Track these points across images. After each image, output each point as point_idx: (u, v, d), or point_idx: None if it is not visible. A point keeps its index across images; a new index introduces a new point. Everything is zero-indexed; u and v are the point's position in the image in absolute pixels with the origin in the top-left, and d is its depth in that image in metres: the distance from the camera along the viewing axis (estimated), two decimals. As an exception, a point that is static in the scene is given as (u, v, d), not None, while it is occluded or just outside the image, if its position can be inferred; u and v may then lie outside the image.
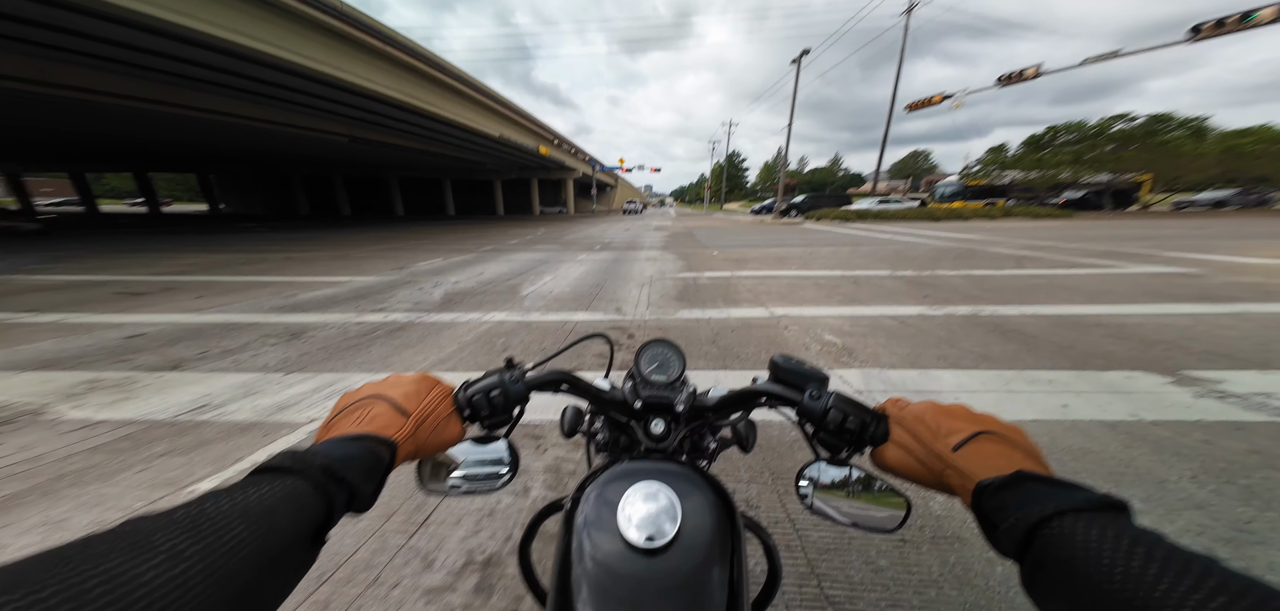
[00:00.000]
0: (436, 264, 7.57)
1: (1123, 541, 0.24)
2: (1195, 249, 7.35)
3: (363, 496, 0.33)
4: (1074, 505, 0.27)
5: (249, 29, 8.19)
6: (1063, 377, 2.44)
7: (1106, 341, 3.00)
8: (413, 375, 0.46)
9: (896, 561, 1.25)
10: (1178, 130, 22.08)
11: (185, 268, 7.15)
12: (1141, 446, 1.77)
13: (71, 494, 1.63)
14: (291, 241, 11.73)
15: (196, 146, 20.72)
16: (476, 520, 1.46)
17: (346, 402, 0.41)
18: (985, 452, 0.35)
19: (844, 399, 0.45)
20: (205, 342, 3.38)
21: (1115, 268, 5.82)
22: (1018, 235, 10.67)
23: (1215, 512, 1.40)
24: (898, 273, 5.89)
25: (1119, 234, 10.32)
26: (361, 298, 4.94)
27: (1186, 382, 2.33)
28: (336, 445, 0.35)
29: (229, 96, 11.90)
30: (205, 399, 2.40)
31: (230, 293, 5.23)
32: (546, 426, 2.03)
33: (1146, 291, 4.44)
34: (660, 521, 0.37)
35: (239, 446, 1.95)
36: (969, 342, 3.06)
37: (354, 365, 2.90)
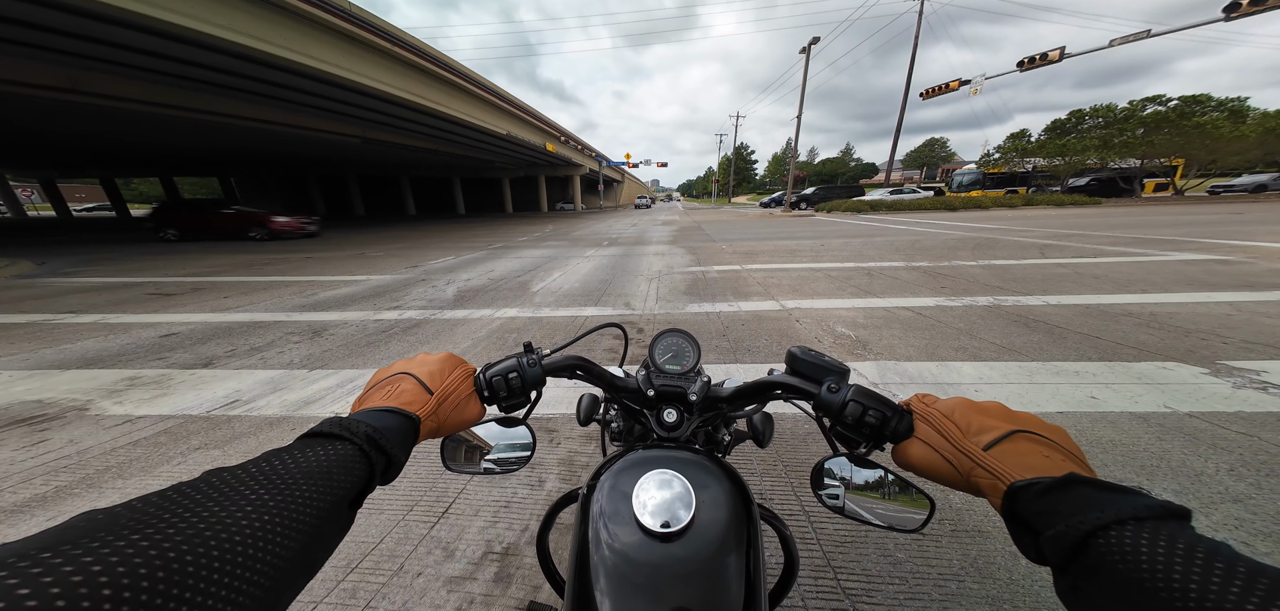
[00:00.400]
0: (448, 261, 7.69)
1: (1197, 554, 0.22)
2: (1233, 236, 6.98)
3: (397, 464, 0.35)
4: (1135, 513, 0.25)
5: (265, 34, 8.41)
6: (1091, 369, 2.36)
7: (1138, 331, 2.89)
8: (439, 354, 0.48)
9: (915, 554, 1.23)
10: (1214, 112, 20.91)
11: (212, 269, 7.42)
12: (1176, 438, 1.71)
13: (116, 486, 1.73)
14: (309, 242, 12.05)
15: (219, 150, 21.42)
16: (494, 511, 1.49)
17: (379, 378, 0.44)
18: (1022, 452, 0.34)
19: (865, 392, 0.43)
20: (234, 341, 3.51)
21: (1146, 255, 5.57)
22: (1040, 224, 10.30)
23: (1254, 506, 1.34)
24: (913, 263, 5.76)
25: (1150, 221, 9.88)
26: (378, 295, 5.06)
27: (1225, 373, 2.23)
28: (374, 415, 0.37)
29: (248, 101, 12.26)
30: (236, 394, 2.50)
31: (255, 292, 5.41)
32: (560, 420, 2.05)
33: (1181, 279, 4.25)
34: (675, 507, 0.37)
35: (269, 439, 2.03)
36: (989, 334, 2.98)
37: (372, 361, 2.98)
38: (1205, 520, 1.30)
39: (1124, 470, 1.55)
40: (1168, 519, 0.25)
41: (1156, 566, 0.22)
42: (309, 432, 0.32)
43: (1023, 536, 0.30)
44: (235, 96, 11.78)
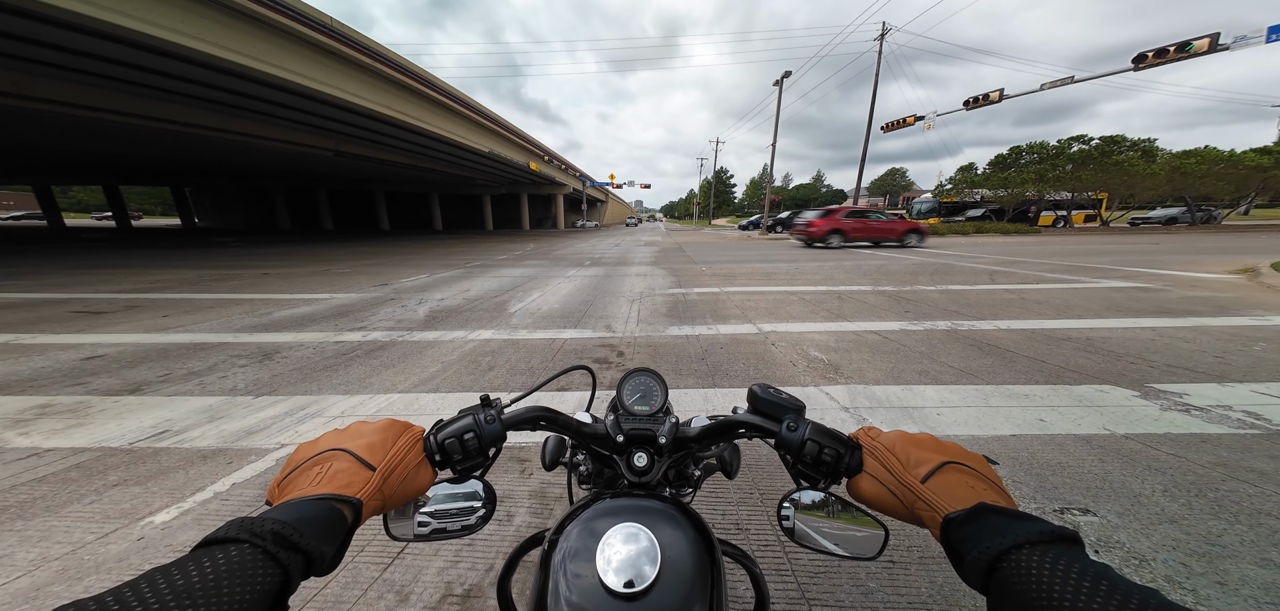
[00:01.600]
0: (421, 280, 7.43)
1: (1072, 574, 0.25)
2: (1152, 264, 7.78)
3: (322, 560, 0.31)
4: (1030, 538, 0.28)
5: (232, 44, 8.08)
6: (1038, 392, 2.51)
7: (1077, 355, 3.12)
8: (378, 422, 0.44)
9: (886, 583, 1.24)
10: (1129, 151, 23.62)
11: (152, 284, 6.84)
12: (1115, 460, 1.82)
13: (15, 528, 1.50)
14: (269, 257, 11.38)
15: (172, 160, 20.09)
16: (456, 550, 1.39)
17: (304, 457, 0.39)
18: (951, 484, 0.36)
19: (820, 430, 0.45)
20: (169, 364, 3.20)
21: (1080, 282, 6.10)
22: (988, 251, 11.14)
23: (1188, 527, 1.44)
24: (879, 288, 6.05)
25: (1081, 249, 10.88)
26: (340, 316, 4.79)
27: (1153, 396, 2.42)
28: (291, 508, 0.33)
29: (209, 110, 11.66)
30: (166, 424, 2.27)
31: (199, 310, 5.01)
32: (532, 449, 1.97)
33: (1111, 305, 4.66)
34: (640, 564, 0.36)
35: (201, 474, 1.83)
36: (949, 358, 3.13)
37: (329, 387, 2.79)
38: (1145, 541, 1.38)
39: (1073, 492, 1.64)
40: (1058, 543, 0.28)
41: (1045, 586, 0.25)
42: (206, 539, 0.28)
43: (957, 563, 0.32)
44: (198, 105, 11.18)
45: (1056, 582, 0.25)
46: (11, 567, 1.34)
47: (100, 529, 1.52)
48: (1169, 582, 1.22)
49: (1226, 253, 9.38)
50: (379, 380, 2.91)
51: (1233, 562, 1.28)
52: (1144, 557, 1.31)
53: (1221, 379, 2.63)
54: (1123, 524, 1.45)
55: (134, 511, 1.61)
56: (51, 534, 1.48)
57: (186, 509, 1.64)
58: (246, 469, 1.88)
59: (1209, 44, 13.11)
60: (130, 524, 1.55)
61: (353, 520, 0.35)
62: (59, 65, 8.23)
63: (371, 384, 2.85)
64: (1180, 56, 13.56)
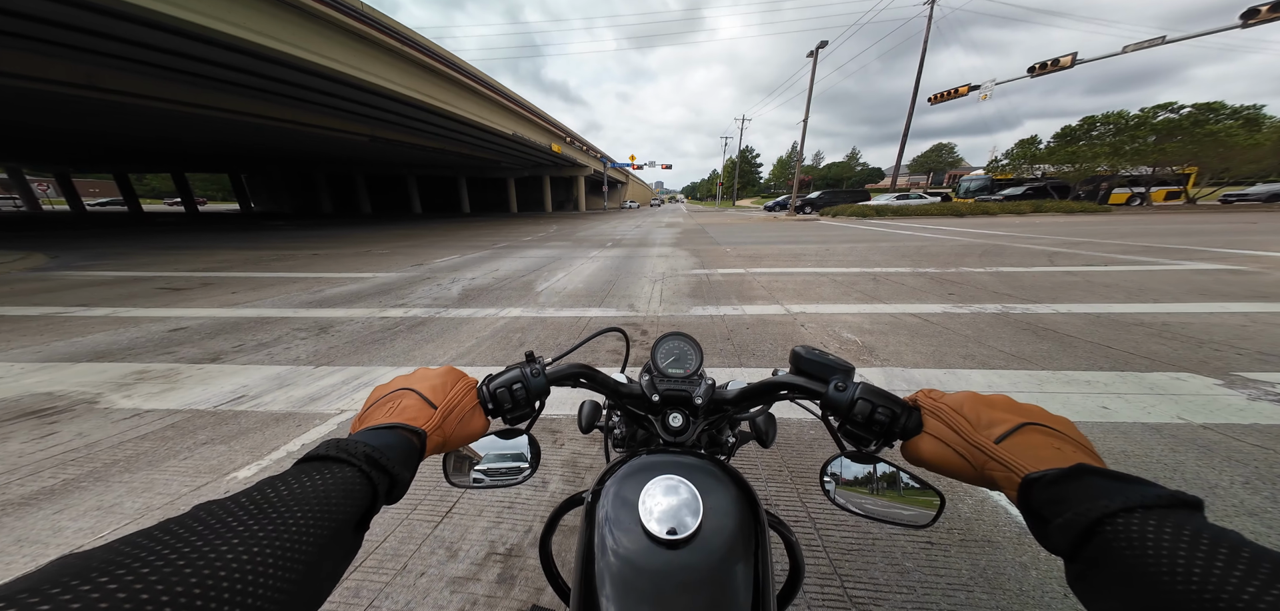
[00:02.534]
0: (453, 260, 7.73)
1: (1201, 542, 0.22)
2: (1245, 246, 6.87)
3: (402, 483, 0.35)
4: (1144, 501, 0.25)
5: (280, 33, 8.52)
6: (1102, 378, 2.32)
7: (1150, 341, 2.84)
8: (439, 369, 0.47)
9: (923, 563, 1.22)
10: (1228, 120, 20.61)
11: (220, 264, 7.50)
12: (1189, 450, 1.67)
13: (123, 479, 1.74)
14: (317, 238, 12.16)
15: (229, 147, 21.69)
16: (498, 512, 1.49)
17: (378, 395, 0.43)
18: (1033, 444, 0.34)
19: (872, 389, 0.43)
20: (241, 336, 3.54)
21: (1157, 264, 5.50)
22: (1048, 231, 10.20)
23: (1270, 520, 1.31)
24: (920, 269, 5.71)
25: (1160, 229, 9.75)
26: (383, 293, 5.09)
27: (1240, 385, 2.18)
28: (375, 434, 0.36)
29: (261, 99, 12.42)
30: (242, 390, 2.52)
31: (262, 288, 5.46)
32: (563, 421, 2.05)
33: (1193, 289, 4.18)
34: (681, 514, 0.37)
35: (275, 436, 2.04)
36: (998, 342, 2.94)
37: (378, 358, 2.99)
38: (1221, 536, 1.28)
39: (1137, 483, 1.53)
40: (1178, 508, 0.25)
41: (1162, 553, 0.22)
42: (306, 457, 0.31)
43: (1037, 527, 0.31)
44: (248, 94, 11.93)
45: (1179, 549, 0.22)
46: (120, 515, 1.56)
47: (193, 481, 1.73)
48: None
49: (1344, 229, 8.13)
50: (421, 353, 3.10)
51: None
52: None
53: (1327, 370, 2.32)
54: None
55: (221, 467, 1.82)
56: (154, 485, 1.70)
57: (264, 465, 1.83)
58: (313, 431, 2.08)
59: None
60: (219, 478, 1.75)
61: (419, 449, 0.39)
62: (124, 57, 8.98)
63: (414, 357, 3.03)
64: None
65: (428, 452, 0.40)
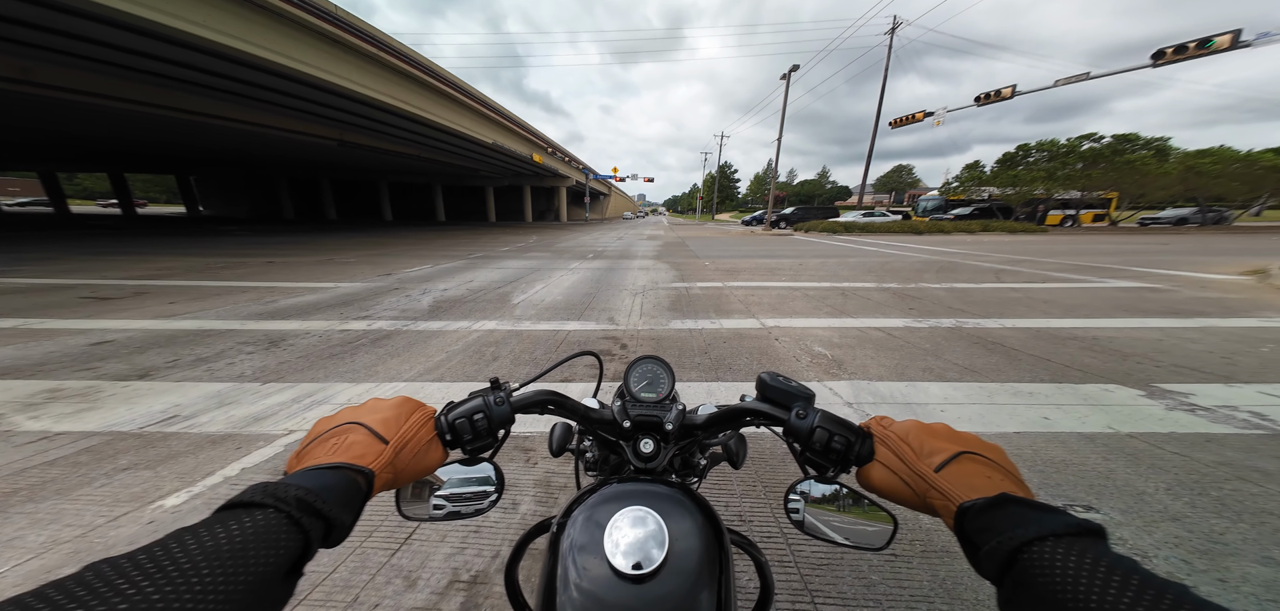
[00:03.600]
0: (425, 270, 7.45)
1: (1100, 568, 0.24)
2: (1161, 265, 7.69)
3: (343, 528, 0.32)
4: (1054, 530, 0.27)
5: (240, 32, 8.05)
6: (1043, 390, 2.50)
7: (1083, 354, 3.10)
8: (392, 399, 0.45)
9: (888, 576, 1.25)
10: (1142, 150, 23.26)
11: (159, 271, 6.89)
12: (1120, 458, 1.82)
13: (25, 510, 1.53)
14: (274, 246, 11.43)
15: (178, 147, 20.13)
16: (463, 536, 1.41)
17: (322, 429, 0.40)
18: (967, 473, 0.36)
19: (830, 418, 0.45)
20: (177, 350, 3.24)
21: (1088, 282, 6.05)
22: (994, 249, 11.04)
23: (1190, 525, 1.44)
24: (883, 285, 6.02)
25: (1088, 248, 10.77)
26: (345, 305, 4.82)
27: (1158, 395, 2.41)
28: (311, 475, 0.33)
29: (216, 99, 11.64)
30: (175, 409, 2.30)
31: (206, 298, 5.05)
32: (537, 439, 1.99)
33: (1118, 305, 4.62)
34: (648, 547, 0.36)
35: (210, 459, 1.86)
36: (953, 355, 3.12)
37: (335, 375, 2.81)
38: (1147, 538, 1.38)
39: (1076, 489, 1.64)
40: (1083, 536, 0.27)
41: (1068, 579, 0.24)
42: (227, 503, 0.29)
43: (971, 553, 0.32)
44: (204, 94, 11.17)
45: (1082, 575, 0.24)
46: (22, 549, 1.37)
47: (111, 512, 1.54)
48: (1171, 579, 1.22)
49: (1237, 254, 9.26)
50: (385, 369, 2.94)
51: (1234, 560, 1.28)
52: (1145, 554, 1.31)
53: (1228, 380, 2.61)
54: (1125, 521, 1.45)
55: (144, 495, 1.64)
56: (62, 516, 1.51)
57: (197, 492, 1.66)
58: (255, 454, 1.91)
59: (1231, 41, 12.83)
60: (141, 507, 1.57)
61: (366, 489, 0.36)
62: (65, 52, 8.22)
63: (377, 372, 2.87)
64: (1201, 53, 13.27)
65: (377, 491, 0.37)
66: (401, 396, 0.45)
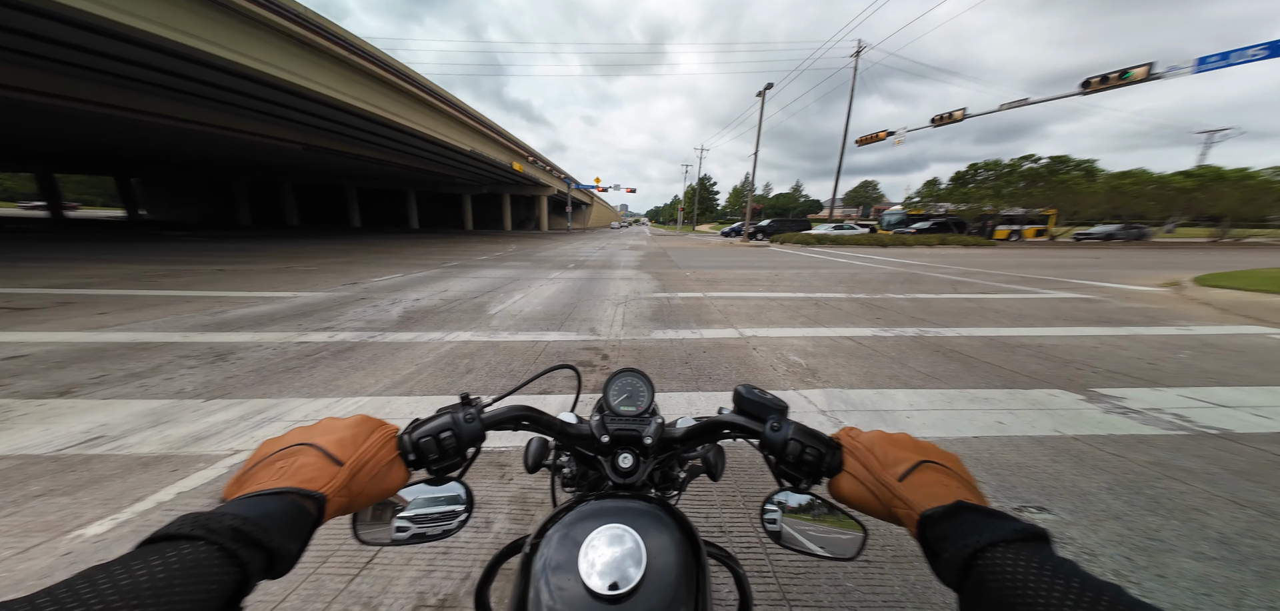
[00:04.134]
0: (395, 280, 7.14)
1: (1045, 572, 0.26)
2: (1093, 277, 8.44)
3: (287, 557, 0.29)
4: (1004, 536, 0.29)
5: (196, 29, 7.56)
6: (997, 395, 2.66)
7: (1031, 361, 3.33)
8: (350, 418, 0.41)
9: (862, 582, 1.27)
10: (1074, 171, 25.69)
11: (89, 280, 6.26)
12: (1066, 460, 1.95)
13: (-97, 556, 1.32)
14: (226, 253, 10.67)
15: (121, 148, 18.56)
16: (430, 559, 1.33)
17: (267, 451, 0.36)
18: (928, 482, 0.37)
19: (803, 430, 0.46)
20: (105, 365, 2.93)
21: (1032, 293, 6.55)
22: (951, 262, 11.78)
23: (1130, 522, 1.55)
24: (853, 295, 6.28)
25: (1032, 261, 11.69)
26: (305, 315, 4.54)
27: (1097, 399, 2.62)
28: (250, 502, 0.31)
29: (166, 98, 10.85)
30: (100, 429, 2.07)
31: (142, 308, 4.62)
32: (512, 454, 1.92)
33: (1059, 315, 5.02)
34: (624, 566, 0.35)
35: (142, 482, 1.68)
36: (917, 363, 3.28)
37: (291, 389, 2.62)
38: (1094, 536, 1.48)
39: (1030, 491, 1.74)
40: (1029, 540, 0.29)
41: (1016, 583, 0.26)
42: (152, 536, 0.26)
43: (933, 561, 0.33)
44: (154, 92, 10.38)
45: (1028, 579, 0.26)
46: None
47: (19, 543, 1.36)
48: (1117, 576, 1.31)
49: (1156, 267, 10.30)
50: (347, 382, 2.77)
51: (1171, 556, 1.39)
52: (1093, 553, 1.40)
53: (1154, 383, 2.87)
54: (1074, 521, 1.55)
55: (60, 523, 1.45)
56: (-42, 555, 1.32)
57: (124, 520, 1.49)
58: (195, 476, 1.74)
59: (1145, 72, 14.45)
60: (56, 537, 1.40)
61: (316, 516, 0.33)
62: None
63: (339, 386, 2.70)
64: (1121, 83, 14.87)
65: (329, 516, 0.35)
66: (360, 415, 0.43)
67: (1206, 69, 13.53)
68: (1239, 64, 12.90)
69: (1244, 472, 1.84)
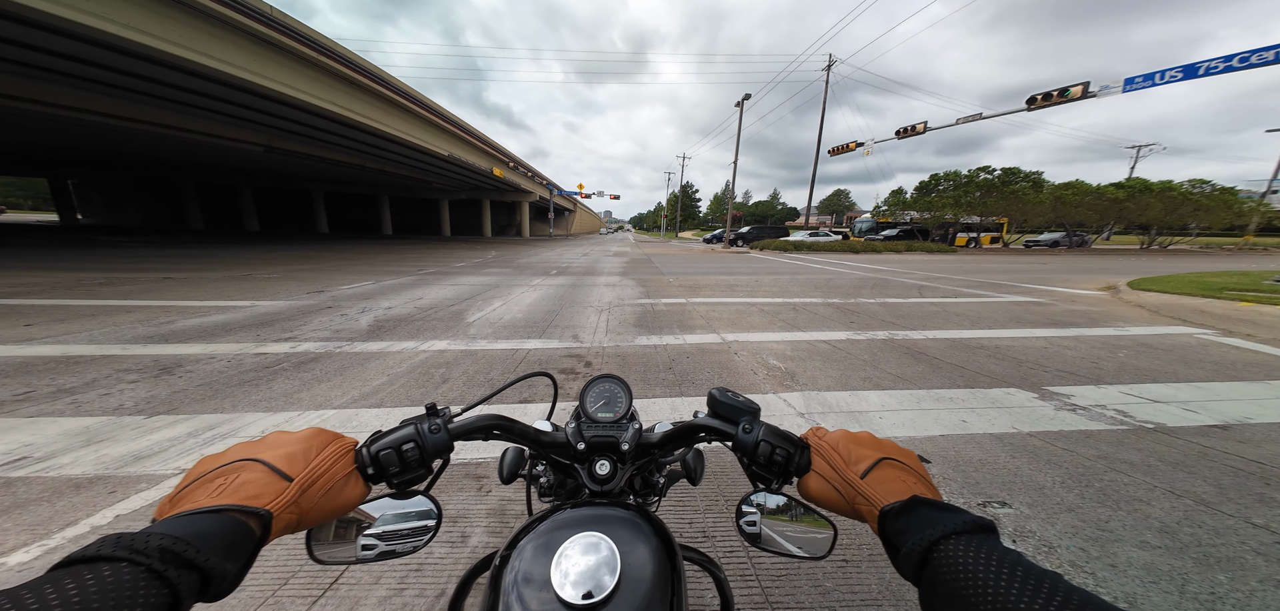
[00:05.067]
0: (365, 287, 6.84)
1: (992, 561, 0.27)
2: (1041, 281, 9.08)
3: (223, 577, 0.27)
4: (955, 528, 0.30)
5: (149, 26, 7.05)
6: (960, 395, 2.81)
7: (990, 362, 3.54)
8: (302, 431, 0.39)
9: (841, 582, 1.30)
10: (1023, 182, 27.70)
11: (12, 289, 5.68)
12: (1023, 456, 2.07)
13: None
14: (173, 259, 9.93)
15: (54, 148, 16.96)
16: (401, 576, 1.27)
17: (205, 469, 0.34)
18: (887, 478, 0.38)
19: (773, 431, 0.47)
20: (30, 380, 2.65)
21: (988, 296, 6.98)
22: (917, 268, 12.41)
23: (1082, 515, 1.65)
24: (828, 300, 6.50)
25: (987, 267, 12.48)
26: (263, 325, 4.27)
27: (1048, 397, 2.80)
28: (183, 521, 0.28)
29: (110, 96, 10.04)
30: (24, 449, 1.86)
31: (75, 318, 4.22)
32: (489, 464, 1.86)
33: (1012, 317, 5.36)
34: (599, 575, 0.35)
35: (74, 506, 1.52)
36: (888, 365, 3.42)
37: (246, 403, 2.45)
38: (1051, 529, 1.57)
39: (992, 486, 1.83)
40: (979, 532, 0.30)
41: (967, 573, 0.27)
42: (67, 558, 0.24)
43: (892, 555, 0.34)
44: (96, 90, 9.58)
45: (977, 570, 0.27)
46: None
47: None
48: (1073, 567, 1.39)
49: (1095, 272, 11.20)
50: (310, 395, 2.61)
51: (1119, 546, 1.49)
52: (1051, 545, 1.48)
53: (1097, 381, 3.10)
54: (1032, 514, 1.64)
55: (-30, 564, 1.29)
56: None
57: (53, 546, 1.35)
58: (135, 498, 1.59)
59: (1082, 91, 15.75)
60: (-37, 580, 1.24)
61: (261, 534, 0.31)
62: None
63: (300, 399, 2.54)
64: (1061, 100, 16.15)
65: (275, 535, 0.32)
66: (313, 428, 0.40)
67: (1134, 88, 14.88)
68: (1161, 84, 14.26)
69: (1178, 464, 2.01)
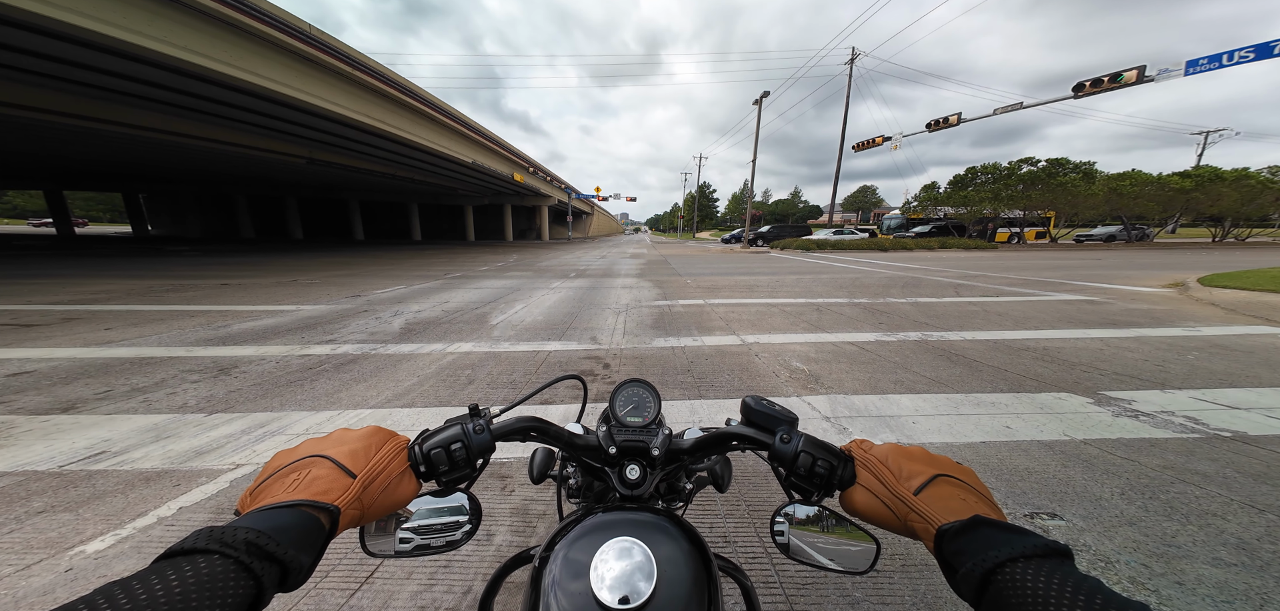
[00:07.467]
0: (397, 292, 7.17)
1: (1066, 589, 0.25)
2: (1096, 278, 8.40)
3: (300, 570, 0.30)
4: (1024, 552, 0.28)
5: (200, 47, 7.72)
6: (1003, 400, 2.63)
7: (1036, 364, 3.30)
8: (362, 429, 0.42)
9: (870, 593, 1.25)
10: (1072, 173, 25.68)
11: (94, 295, 6.31)
12: (1076, 465, 1.92)
13: (-98, 576, 1.31)
14: (230, 266, 10.76)
15: (124, 164, 18.83)
16: (431, 571, 1.32)
17: (280, 463, 0.37)
18: (944, 496, 0.36)
19: (813, 442, 0.46)
20: (109, 380, 2.94)
21: (1035, 295, 6.51)
22: (952, 265, 11.76)
23: (1146, 528, 1.51)
24: (855, 300, 6.26)
25: (1033, 264, 11.67)
26: (308, 328, 4.55)
27: (1105, 403, 2.58)
28: (265, 515, 0.31)
29: (170, 114, 11.05)
30: (103, 445, 2.07)
31: (147, 323, 4.65)
32: (514, 464, 1.91)
33: (1063, 317, 4.98)
34: (635, 580, 0.35)
35: (143, 498, 1.67)
36: (921, 367, 3.26)
37: (292, 403, 2.62)
38: (1109, 543, 1.45)
39: (1040, 497, 1.71)
40: (1051, 557, 0.28)
41: (1038, 601, 0.25)
42: (168, 551, 0.26)
43: (949, 576, 0.32)
44: (157, 109, 10.57)
45: (1051, 596, 0.25)
46: None
47: (21, 559, 1.35)
48: (1133, 584, 1.28)
49: (1159, 268, 10.24)
50: (349, 395, 2.76)
51: (1188, 562, 1.35)
52: (1109, 560, 1.37)
53: (1163, 386, 2.83)
54: (1087, 527, 1.52)
55: (62, 540, 1.45)
56: (-43, 574, 1.31)
57: (125, 535, 1.48)
58: (195, 491, 1.73)
59: (1137, 75, 14.50)
60: (57, 553, 1.39)
61: (330, 528, 0.34)
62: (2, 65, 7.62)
63: (340, 399, 2.69)
64: (1113, 86, 14.92)
65: (342, 529, 0.35)
66: (371, 426, 0.43)
67: (1197, 71, 13.57)
68: (1229, 66, 12.94)
69: (1260, 476, 1.81)
